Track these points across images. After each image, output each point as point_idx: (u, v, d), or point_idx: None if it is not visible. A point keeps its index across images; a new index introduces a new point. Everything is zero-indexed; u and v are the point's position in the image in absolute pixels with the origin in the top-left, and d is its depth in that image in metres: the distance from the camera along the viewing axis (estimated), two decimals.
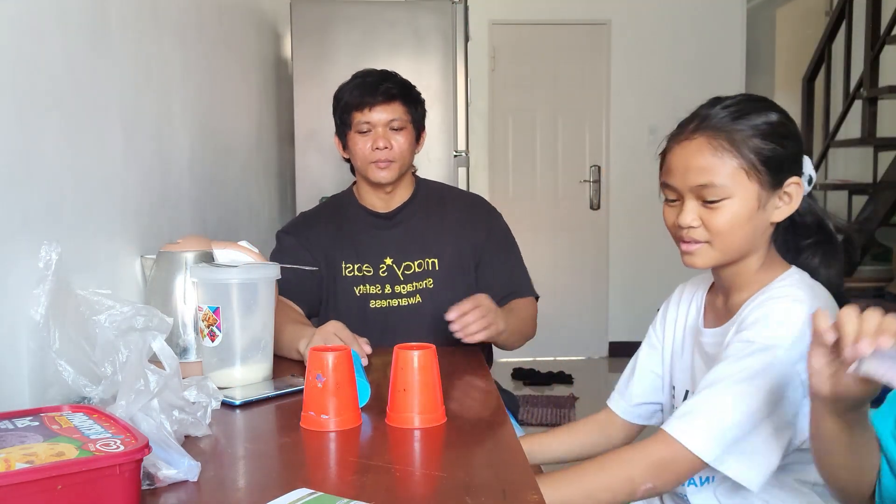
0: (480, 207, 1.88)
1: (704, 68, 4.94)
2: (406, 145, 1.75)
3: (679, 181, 1.12)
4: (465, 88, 3.01)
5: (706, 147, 1.10)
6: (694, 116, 1.14)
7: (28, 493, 0.69)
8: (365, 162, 1.75)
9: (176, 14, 1.79)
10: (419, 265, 1.79)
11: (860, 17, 4.21)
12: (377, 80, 1.75)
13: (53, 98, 1.19)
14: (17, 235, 1.07)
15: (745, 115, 1.10)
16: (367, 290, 1.78)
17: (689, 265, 1.16)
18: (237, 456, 1.03)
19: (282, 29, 3.18)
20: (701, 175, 1.09)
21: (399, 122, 1.74)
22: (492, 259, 1.83)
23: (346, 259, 1.79)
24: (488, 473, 0.95)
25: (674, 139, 1.15)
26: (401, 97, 1.75)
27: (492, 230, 1.85)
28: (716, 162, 1.09)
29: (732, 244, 1.12)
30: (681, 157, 1.12)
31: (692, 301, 1.31)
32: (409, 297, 1.78)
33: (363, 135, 1.74)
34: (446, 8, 2.93)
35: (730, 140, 1.09)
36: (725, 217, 1.10)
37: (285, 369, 1.43)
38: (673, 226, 1.15)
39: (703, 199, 1.10)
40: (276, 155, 3.02)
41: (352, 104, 1.74)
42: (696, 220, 1.11)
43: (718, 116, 1.11)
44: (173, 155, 1.76)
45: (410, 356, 1.11)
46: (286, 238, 1.83)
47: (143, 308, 1.09)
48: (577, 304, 5.11)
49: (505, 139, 5.08)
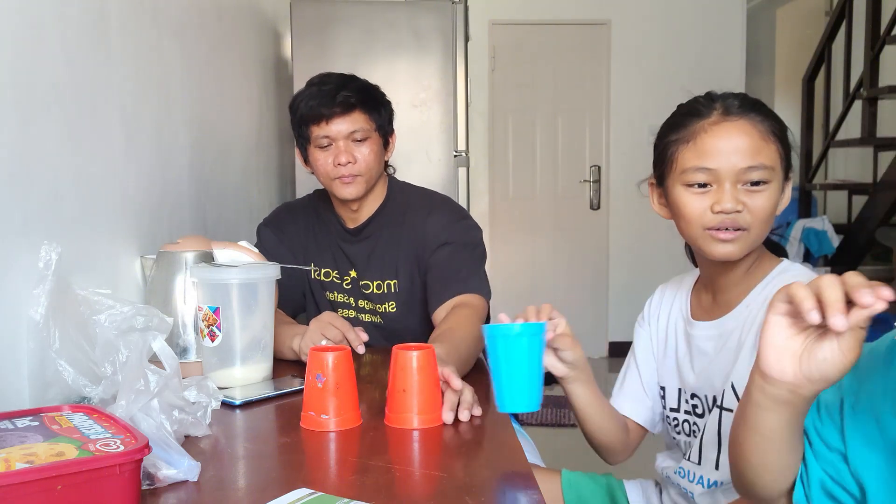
0: (444, 212, 1.70)
1: (704, 68, 4.94)
2: (371, 156, 1.62)
3: (723, 162, 1.06)
4: (465, 88, 3.00)
5: (752, 129, 1.07)
6: (706, 105, 1.11)
7: (28, 493, 0.69)
8: (328, 178, 1.63)
9: (176, 14, 1.79)
10: (377, 286, 1.70)
11: (860, 17, 4.21)
12: (333, 89, 1.59)
13: (53, 98, 1.19)
14: (17, 235, 1.07)
15: (758, 103, 1.11)
16: (336, 297, 1.75)
17: (724, 256, 1.09)
18: (237, 456, 1.03)
19: (282, 29, 3.18)
20: (750, 156, 1.06)
21: (361, 133, 1.61)
22: (436, 254, 1.64)
23: (317, 262, 1.75)
24: (488, 473, 0.95)
25: (700, 124, 1.09)
26: (360, 105, 1.61)
27: (446, 228, 1.66)
28: (763, 144, 1.07)
29: (764, 232, 1.09)
30: (726, 139, 1.07)
31: (675, 300, 1.29)
32: (372, 316, 1.73)
33: (323, 150, 1.61)
34: (446, 8, 2.93)
35: (771, 125, 1.08)
36: (769, 202, 1.07)
37: (285, 369, 1.43)
38: (702, 214, 1.09)
39: (746, 181, 1.07)
40: (276, 155, 3.02)
41: (308, 117, 1.60)
42: (741, 204, 1.06)
43: (740, 102, 1.09)
44: (173, 155, 1.76)
45: (409, 357, 1.11)
46: (265, 232, 1.77)
47: (143, 308, 1.09)
48: (577, 304, 5.11)
49: (505, 139, 5.08)
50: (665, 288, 1.33)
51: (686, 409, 1.25)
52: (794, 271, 1.12)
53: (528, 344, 1.01)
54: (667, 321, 1.29)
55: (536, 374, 1.03)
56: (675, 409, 1.27)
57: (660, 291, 1.34)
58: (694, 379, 1.21)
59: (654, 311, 1.32)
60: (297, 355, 1.47)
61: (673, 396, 1.27)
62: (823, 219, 4.40)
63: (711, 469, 1.16)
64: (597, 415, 1.23)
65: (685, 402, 1.25)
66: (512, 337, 1.01)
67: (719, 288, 1.19)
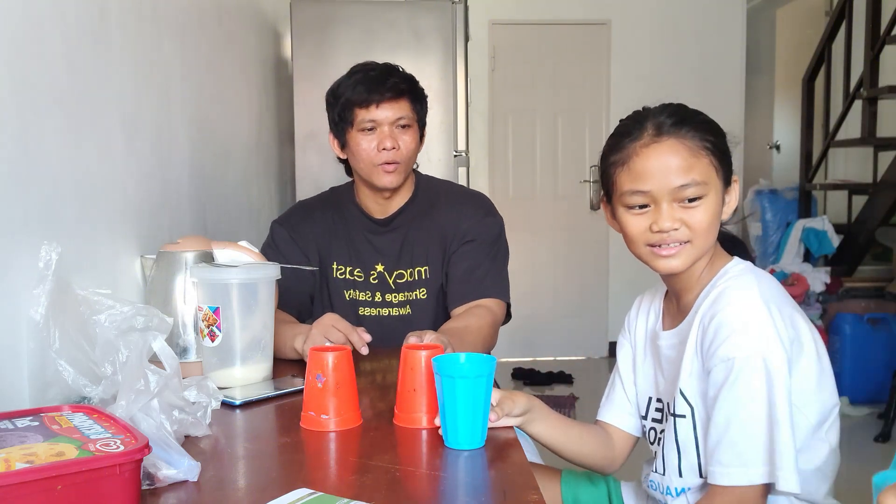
0: (471, 206, 1.73)
1: (704, 68, 4.95)
2: (412, 145, 1.64)
3: (656, 184, 1.10)
4: (465, 88, 3.01)
5: (681, 147, 1.10)
6: (638, 125, 1.13)
7: (28, 493, 0.69)
8: (370, 164, 1.62)
9: (176, 14, 1.79)
10: (410, 274, 1.70)
11: (860, 17, 4.21)
12: (383, 75, 1.61)
13: (53, 98, 1.19)
14: (17, 235, 1.07)
15: (689, 116, 1.13)
16: (356, 295, 1.72)
17: (669, 270, 1.14)
18: (237, 456, 1.03)
19: (282, 29, 3.18)
20: (682, 175, 1.09)
21: (406, 121, 1.62)
22: (460, 250, 1.68)
23: (338, 260, 1.72)
24: (488, 473, 0.95)
25: (632, 147, 1.12)
26: (408, 93, 1.63)
27: (473, 225, 1.69)
28: (693, 161, 1.09)
29: (708, 241, 1.13)
30: (656, 161, 1.10)
31: (650, 309, 1.31)
32: (400, 308, 1.71)
33: (367, 134, 1.61)
34: (446, 8, 2.93)
35: (699, 139, 1.10)
36: (706, 215, 1.10)
37: (285, 369, 1.43)
38: (643, 233, 1.13)
39: (682, 199, 1.10)
40: (276, 155, 3.02)
41: (354, 100, 1.60)
42: (678, 222, 1.10)
43: (671, 120, 1.11)
44: (173, 155, 1.76)
45: (419, 356, 1.11)
46: (279, 231, 1.74)
47: (143, 308, 1.09)
48: (577, 304, 5.11)
49: (505, 139, 5.08)
50: (642, 299, 1.36)
51: (653, 417, 1.27)
52: (732, 273, 1.14)
53: (474, 385, 1.01)
54: (644, 332, 1.32)
55: (483, 411, 1.03)
56: (644, 418, 1.29)
57: (637, 303, 1.36)
58: (664, 386, 1.24)
59: (631, 323, 1.35)
60: (300, 355, 1.46)
61: (643, 405, 1.29)
62: (823, 219, 4.40)
63: (675, 476, 1.16)
64: (568, 442, 1.27)
65: (653, 411, 1.27)
66: (458, 379, 1.01)
67: (678, 294, 1.22)
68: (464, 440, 1.02)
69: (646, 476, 1.28)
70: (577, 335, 5.12)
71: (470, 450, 1.01)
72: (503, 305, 1.67)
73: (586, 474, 1.43)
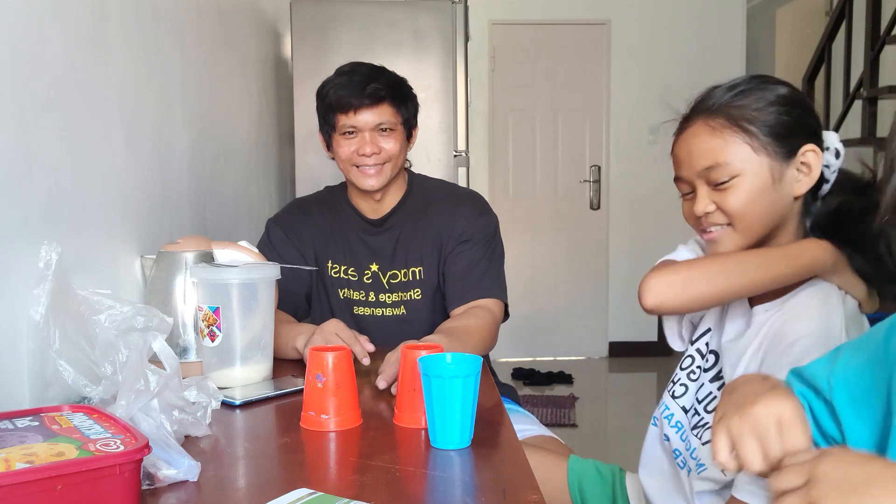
0: (465, 206, 1.72)
1: (704, 68, 4.94)
2: (396, 149, 1.63)
3: (687, 170, 1.12)
4: (465, 88, 3.00)
5: (703, 129, 1.10)
6: (691, 106, 1.14)
7: (28, 493, 0.69)
8: (348, 167, 1.64)
9: (176, 14, 1.79)
10: (405, 275, 1.70)
11: (860, 17, 4.20)
12: (364, 80, 1.60)
13: (53, 98, 1.19)
14: (17, 235, 1.07)
15: (745, 92, 1.10)
16: (350, 294, 1.72)
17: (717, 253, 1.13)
18: (237, 456, 1.03)
19: (282, 29, 3.18)
20: (704, 158, 1.09)
21: (388, 125, 1.61)
22: (457, 250, 1.68)
23: (334, 259, 1.73)
24: (488, 473, 0.95)
25: (676, 133, 1.15)
26: (389, 98, 1.61)
27: (469, 225, 1.69)
28: (716, 142, 1.08)
29: (754, 222, 1.09)
30: (683, 147, 1.12)
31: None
32: (394, 308, 1.71)
33: (348, 138, 1.62)
34: (446, 8, 2.93)
35: (727, 117, 1.08)
36: (739, 196, 1.07)
37: (285, 369, 1.43)
38: (692, 218, 1.14)
39: (712, 182, 1.09)
40: (276, 155, 3.02)
41: (336, 105, 1.61)
42: (711, 205, 1.10)
43: (715, 97, 1.11)
44: (173, 155, 1.76)
45: (419, 356, 1.11)
46: (275, 230, 1.74)
47: (143, 308, 1.09)
48: (577, 304, 5.11)
49: (505, 139, 5.08)
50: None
51: (699, 349, 1.27)
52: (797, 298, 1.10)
53: (462, 385, 1.01)
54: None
55: (469, 411, 1.02)
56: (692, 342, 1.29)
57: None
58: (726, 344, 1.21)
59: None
60: (301, 355, 1.46)
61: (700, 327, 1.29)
62: None
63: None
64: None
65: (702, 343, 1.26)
66: (441, 378, 1.01)
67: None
68: (450, 440, 1.01)
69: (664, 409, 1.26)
70: (577, 335, 5.12)
71: (457, 449, 1.01)
72: (501, 305, 1.68)
73: (592, 461, 1.43)
